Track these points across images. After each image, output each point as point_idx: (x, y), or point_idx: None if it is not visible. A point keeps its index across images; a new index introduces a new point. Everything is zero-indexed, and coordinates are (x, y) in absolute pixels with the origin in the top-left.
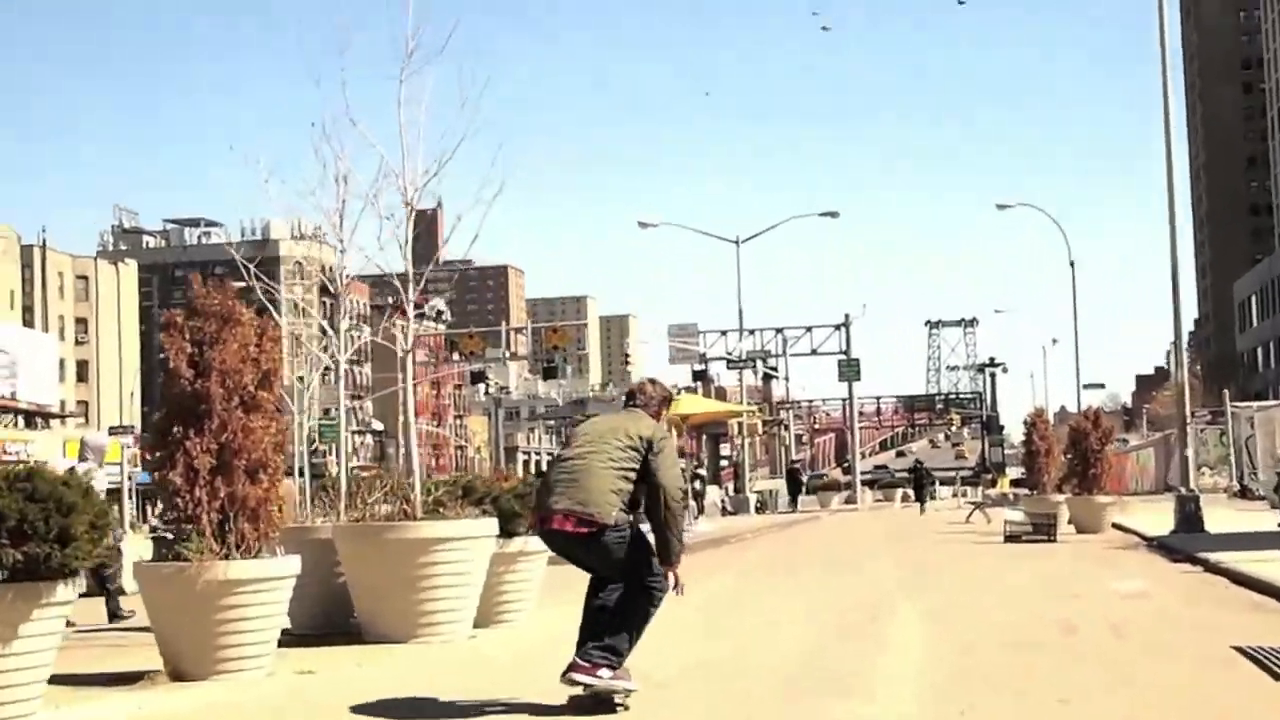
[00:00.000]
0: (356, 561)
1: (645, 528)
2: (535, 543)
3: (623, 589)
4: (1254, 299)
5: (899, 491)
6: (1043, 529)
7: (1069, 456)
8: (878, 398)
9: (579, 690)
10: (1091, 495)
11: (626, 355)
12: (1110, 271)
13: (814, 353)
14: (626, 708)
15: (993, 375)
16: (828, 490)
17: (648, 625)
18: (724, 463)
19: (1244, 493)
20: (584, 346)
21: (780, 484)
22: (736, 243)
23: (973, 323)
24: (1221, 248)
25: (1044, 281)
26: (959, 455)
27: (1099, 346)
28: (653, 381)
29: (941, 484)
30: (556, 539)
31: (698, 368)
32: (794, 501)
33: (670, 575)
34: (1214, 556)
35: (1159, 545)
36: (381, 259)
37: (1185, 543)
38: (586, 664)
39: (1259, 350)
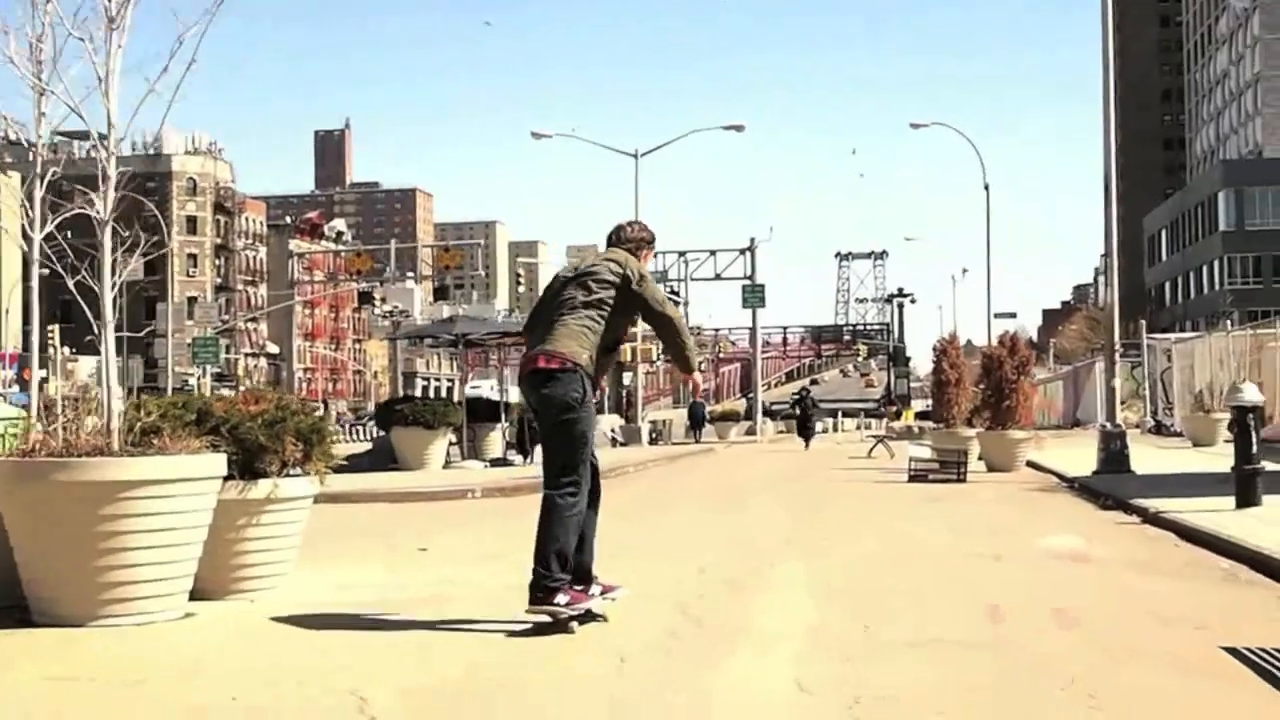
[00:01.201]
0: (19, 511)
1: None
2: (292, 486)
3: (550, 489)
4: (1164, 233)
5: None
6: (951, 467)
7: (981, 387)
8: (784, 327)
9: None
10: (1005, 430)
11: (519, 275)
12: (1020, 207)
13: (718, 277)
14: (573, 631)
15: (900, 306)
16: (726, 421)
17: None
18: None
19: (1159, 429)
20: (488, 270)
21: (679, 414)
22: (635, 156)
23: (882, 255)
24: (1134, 181)
25: (956, 213)
26: (868, 385)
27: (1008, 281)
28: (631, 224)
29: (846, 415)
30: (531, 378)
31: None
32: (696, 432)
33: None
34: (1151, 504)
35: (1082, 488)
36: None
37: (1112, 485)
38: (544, 595)
39: (1167, 285)
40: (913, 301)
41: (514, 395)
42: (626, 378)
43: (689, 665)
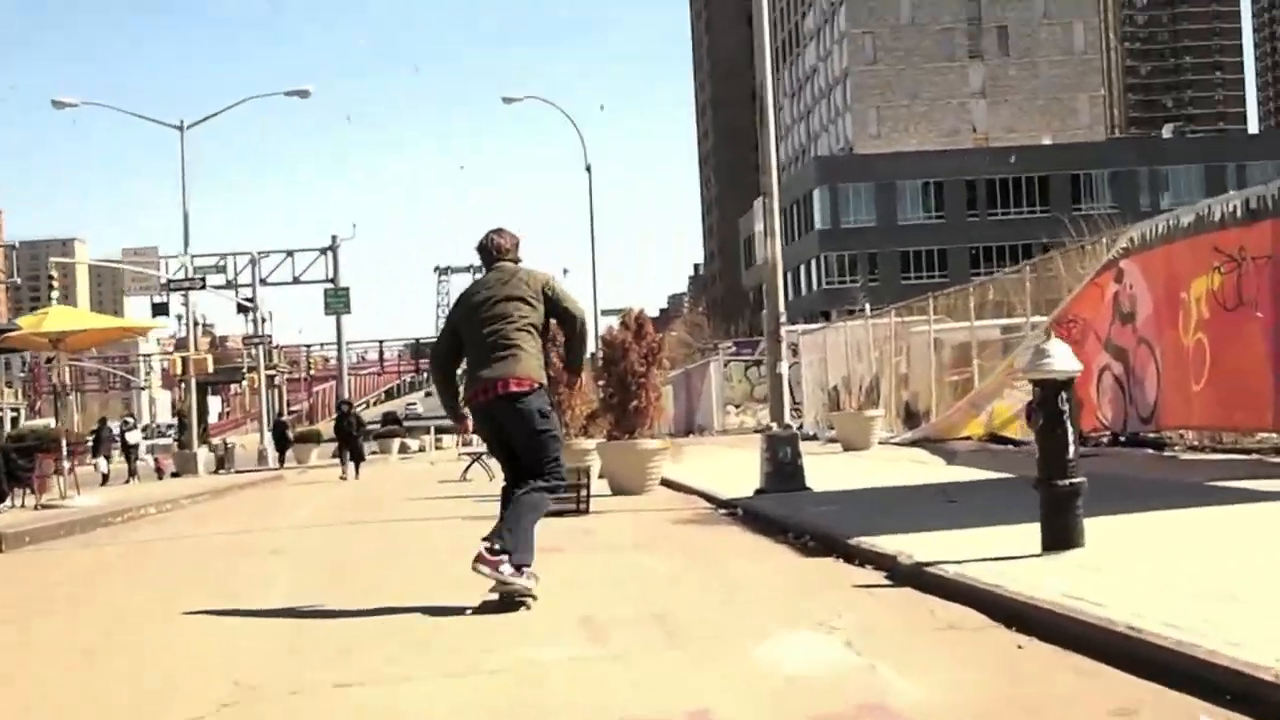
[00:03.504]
0: None
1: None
2: None
3: (531, 480)
4: (758, 235)
5: (396, 442)
6: (568, 492)
7: (600, 384)
8: (380, 341)
9: (490, 582)
10: (633, 439)
11: (51, 278)
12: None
13: (296, 280)
14: (528, 608)
15: None
16: (306, 443)
17: (539, 519)
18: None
19: None
20: (68, 291)
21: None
22: (180, 128)
23: (480, 269)
24: (727, 183)
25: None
26: None
27: (611, 285)
28: (499, 232)
29: (443, 432)
30: (497, 403)
31: (158, 299)
32: (282, 457)
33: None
34: (887, 543)
35: (751, 515)
36: None
37: (791, 509)
38: (493, 556)
39: (763, 287)
40: None
41: None
42: (216, 401)
43: None
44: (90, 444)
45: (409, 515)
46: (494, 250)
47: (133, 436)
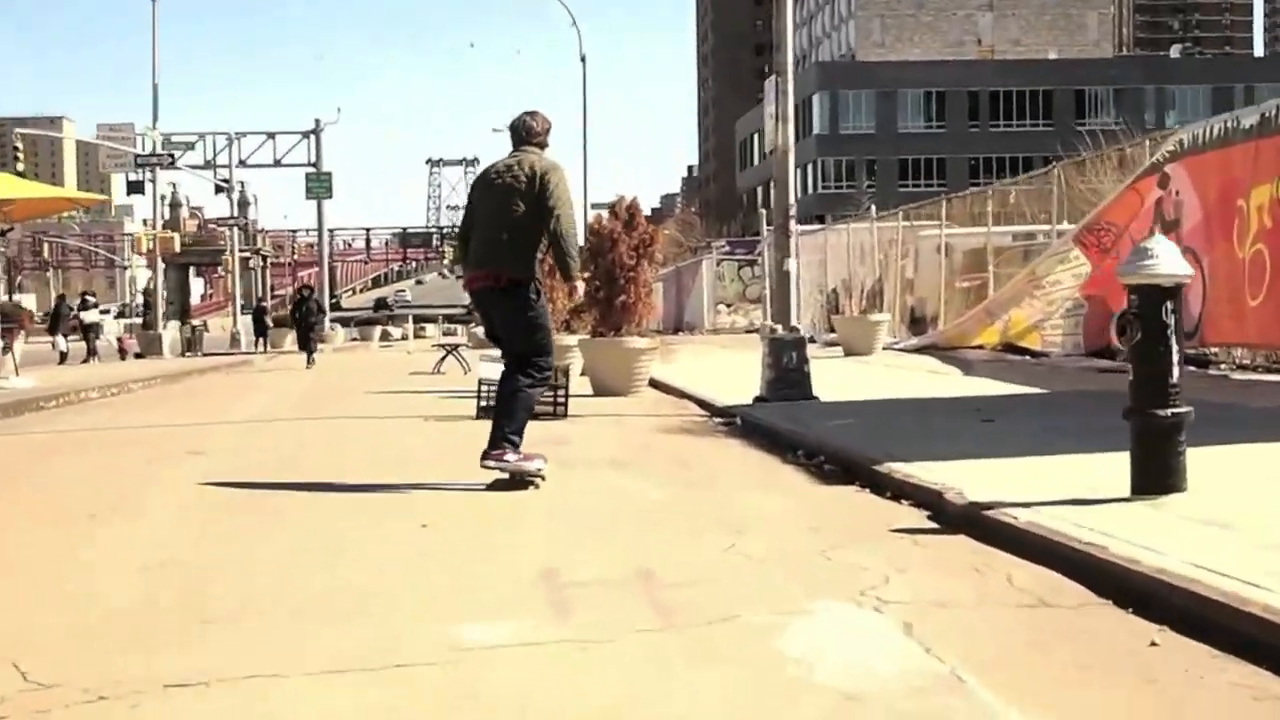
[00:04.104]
0: None
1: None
2: None
3: (511, 376)
4: (756, 138)
5: (377, 330)
6: (545, 393)
7: (586, 276)
8: (368, 229)
9: (499, 474)
10: (619, 336)
11: (16, 149)
12: (615, 113)
13: (277, 164)
14: (537, 487)
15: None
16: (281, 328)
17: (532, 406)
18: (199, 298)
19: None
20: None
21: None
22: None
23: (474, 162)
24: (726, 86)
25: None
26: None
27: (606, 180)
28: (532, 115)
29: (426, 321)
30: (482, 295)
31: (133, 176)
32: (260, 341)
33: (575, 286)
34: (921, 473)
35: (751, 427)
36: None
37: (797, 420)
38: (495, 449)
39: (759, 189)
40: None
41: None
42: (199, 284)
43: None
44: (48, 322)
45: (366, 411)
46: (524, 131)
47: (90, 315)
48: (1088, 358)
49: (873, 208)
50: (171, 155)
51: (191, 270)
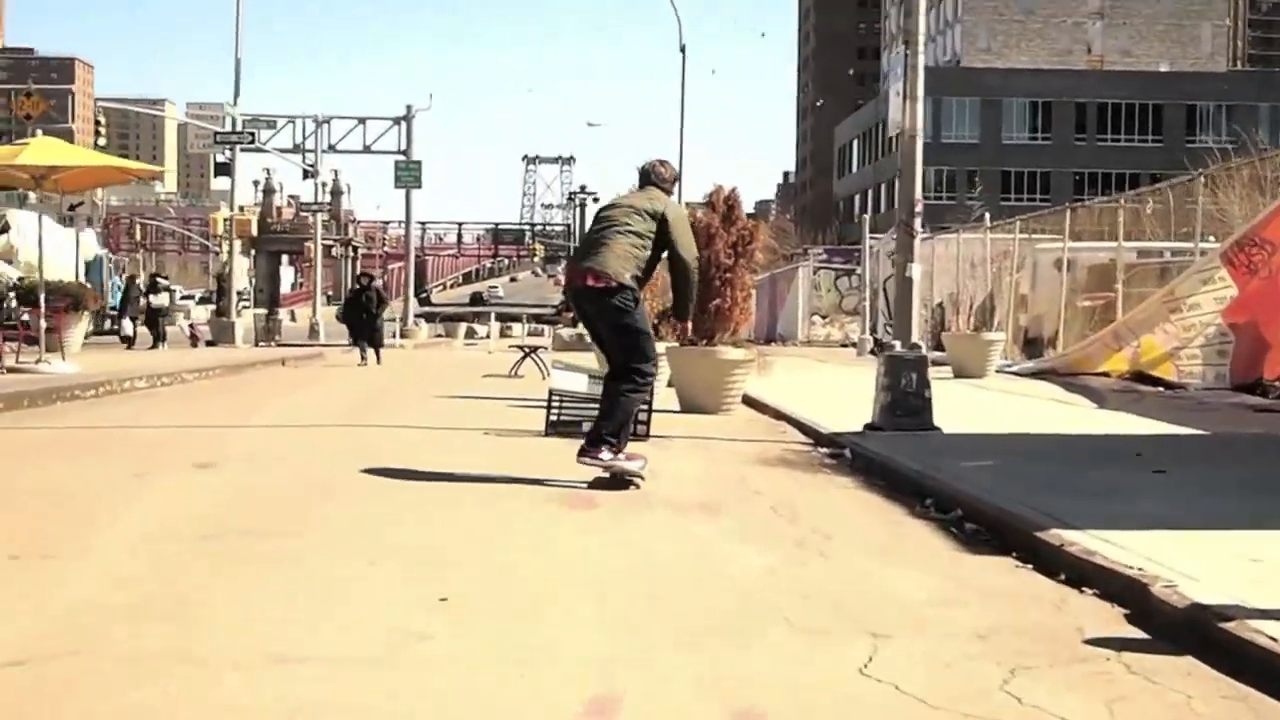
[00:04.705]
0: None
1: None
2: None
3: (616, 378)
4: (856, 144)
5: (462, 326)
6: None
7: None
8: (459, 224)
9: (598, 470)
10: (713, 345)
11: (99, 124)
12: (714, 116)
13: (367, 150)
14: (638, 486)
15: (582, 205)
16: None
17: (636, 410)
18: (290, 286)
19: (881, 347)
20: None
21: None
22: None
23: (570, 160)
24: (826, 89)
25: (652, 113)
26: (557, 285)
27: (701, 184)
28: (663, 163)
29: (513, 320)
30: (581, 293)
31: (221, 158)
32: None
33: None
34: (1107, 548)
35: (871, 464)
36: None
37: (927, 460)
38: (591, 448)
39: (857, 197)
40: (595, 200)
41: None
42: (290, 273)
43: None
44: (117, 305)
45: (423, 419)
46: (652, 175)
47: (159, 299)
48: (1234, 392)
49: (986, 215)
50: (252, 134)
51: (285, 259)
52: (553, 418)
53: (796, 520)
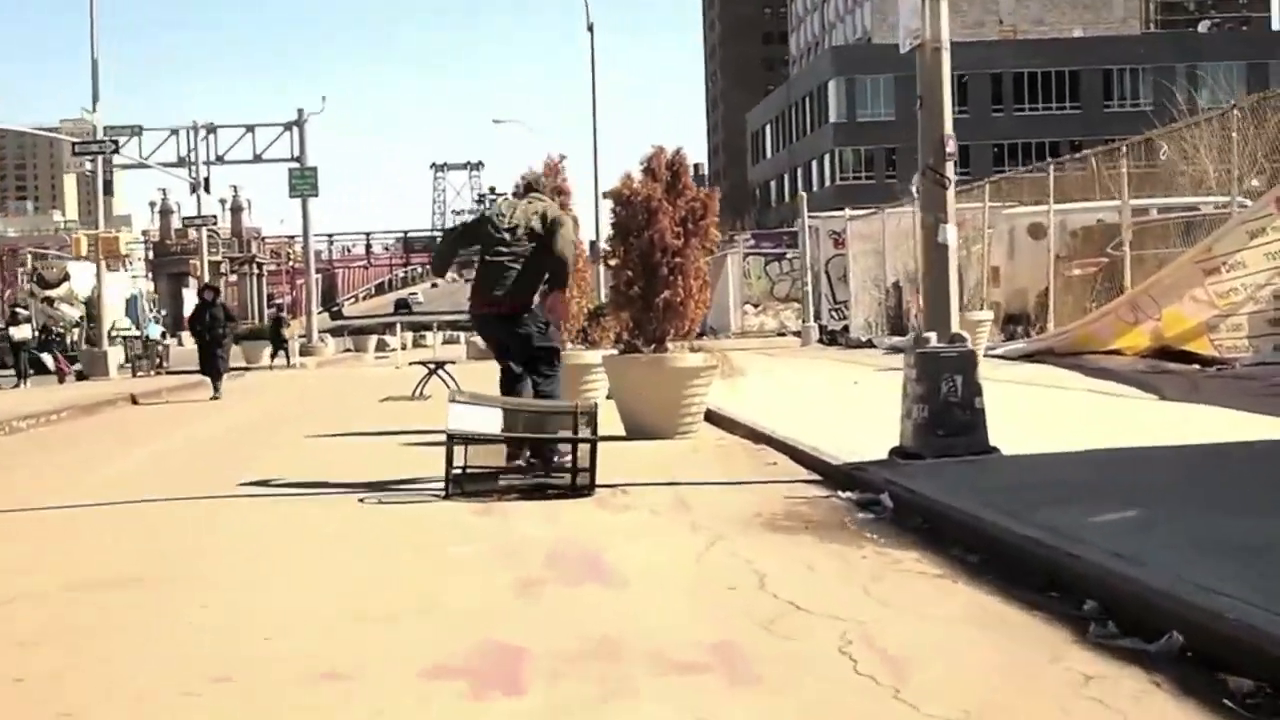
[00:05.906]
0: None
1: None
2: None
3: (530, 370)
4: (769, 129)
5: (373, 339)
6: (556, 458)
7: (612, 265)
8: (368, 234)
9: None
10: (662, 351)
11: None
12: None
13: (258, 158)
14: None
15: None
16: (255, 340)
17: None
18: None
19: (832, 338)
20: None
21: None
22: None
23: (479, 165)
24: (733, 78)
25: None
26: None
27: (613, 175)
28: (544, 172)
29: (421, 329)
30: (488, 319)
31: (106, 177)
32: (279, 353)
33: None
34: None
35: (927, 517)
36: None
37: (1016, 511)
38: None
39: (773, 183)
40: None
41: None
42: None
43: None
44: None
45: (282, 474)
46: (532, 183)
47: (20, 331)
48: None
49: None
50: (115, 142)
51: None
52: (456, 472)
53: (903, 680)
